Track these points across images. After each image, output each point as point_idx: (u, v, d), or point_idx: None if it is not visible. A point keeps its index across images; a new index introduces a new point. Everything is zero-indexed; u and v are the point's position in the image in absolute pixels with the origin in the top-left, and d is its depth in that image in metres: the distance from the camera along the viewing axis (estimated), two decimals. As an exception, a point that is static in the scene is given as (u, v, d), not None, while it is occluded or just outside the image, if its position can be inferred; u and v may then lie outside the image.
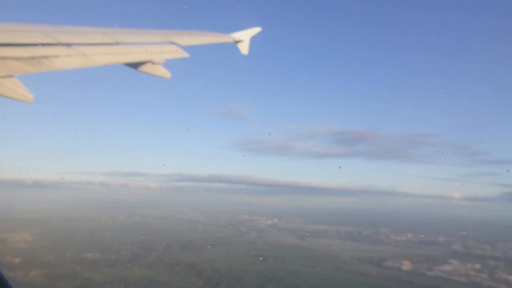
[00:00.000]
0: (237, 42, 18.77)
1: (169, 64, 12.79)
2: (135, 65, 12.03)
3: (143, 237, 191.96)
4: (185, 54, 13.71)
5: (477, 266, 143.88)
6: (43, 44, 9.45)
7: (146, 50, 12.82)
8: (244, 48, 19.13)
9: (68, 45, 10.07)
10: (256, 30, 19.75)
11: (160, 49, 13.37)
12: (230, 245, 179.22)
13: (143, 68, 12.17)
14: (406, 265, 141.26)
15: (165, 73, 12.61)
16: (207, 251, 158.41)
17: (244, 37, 19.05)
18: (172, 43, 13.94)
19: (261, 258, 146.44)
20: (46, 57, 9.08)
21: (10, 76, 8.77)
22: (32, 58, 9.00)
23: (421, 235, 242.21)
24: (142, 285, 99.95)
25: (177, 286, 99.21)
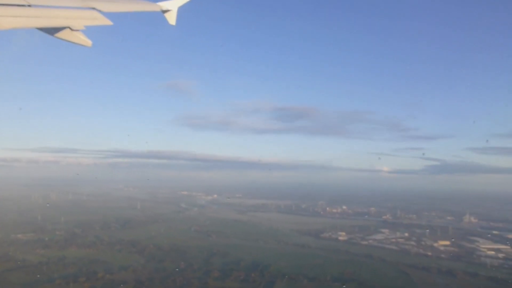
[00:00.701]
0: (164, 11, 17.94)
1: (89, 31, 12.30)
2: (51, 31, 11.12)
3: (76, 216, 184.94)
4: (108, 22, 12.89)
5: (406, 234, 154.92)
6: None
7: (64, 15, 11.94)
8: (171, 18, 18.24)
9: None
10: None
11: (80, 14, 12.44)
12: (171, 221, 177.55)
13: (61, 34, 11.26)
14: (342, 236, 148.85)
15: (85, 40, 11.65)
16: (148, 228, 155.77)
17: (172, 6, 18.30)
18: (93, 8, 12.97)
19: (203, 234, 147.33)
20: None
21: None
22: None
23: (354, 207, 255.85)
24: (82, 264, 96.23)
25: (119, 265, 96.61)
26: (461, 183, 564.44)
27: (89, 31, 11.98)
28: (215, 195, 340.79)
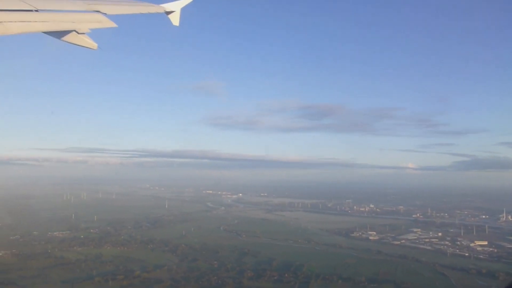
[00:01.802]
0: (167, 12, 17.98)
1: (95, 34, 12.06)
2: (57, 34, 11.26)
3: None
4: (112, 24, 13.01)
5: (439, 234, 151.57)
6: None
7: (69, 18, 12.16)
8: (175, 19, 18.31)
9: None
10: (186, 0, 18.89)
11: (85, 17, 12.65)
12: (199, 220, 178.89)
13: (67, 37, 11.38)
14: (373, 235, 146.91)
15: (91, 43, 11.78)
16: (178, 227, 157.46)
17: (175, 7, 18.29)
18: (97, 11, 13.14)
19: (232, 233, 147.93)
20: None
21: None
22: None
23: (383, 206, 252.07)
24: (119, 262, 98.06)
25: (154, 263, 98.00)
26: (493, 179, 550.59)
27: (93, 33, 12.23)
28: (240, 194, 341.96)
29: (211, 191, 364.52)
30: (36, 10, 10.79)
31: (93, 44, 11.76)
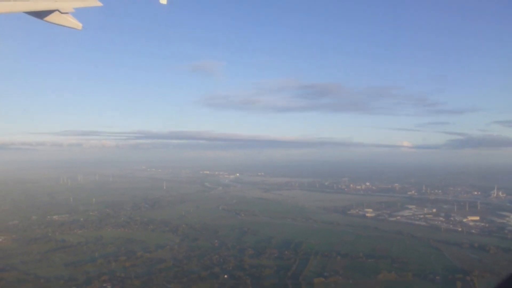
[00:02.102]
0: None
1: (79, 13, 11.93)
2: (39, 14, 11.04)
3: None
4: (97, 3, 12.71)
5: (433, 210, 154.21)
6: None
7: None
8: None
9: None
10: None
11: None
12: (198, 201, 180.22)
13: (50, 17, 11.18)
14: (369, 212, 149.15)
15: (75, 23, 11.61)
16: (177, 207, 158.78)
17: None
18: None
19: (231, 212, 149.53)
20: None
21: None
22: None
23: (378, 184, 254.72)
24: (120, 244, 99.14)
25: (155, 243, 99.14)
26: (486, 157, 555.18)
27: (77, 12, 11.88)
28: (238, 174, 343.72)
29: (208, 172, 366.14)
30: None
31: (78, 24, 11.63)
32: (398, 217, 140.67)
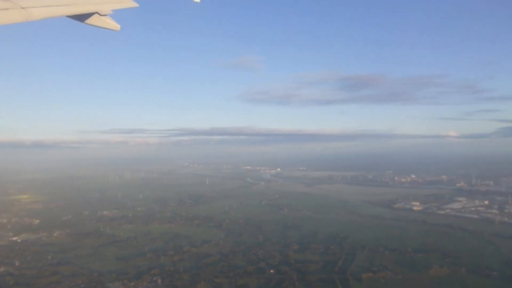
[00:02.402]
0: None
1: (117, 15, 12.00)
2: (80, 17, 11.19)
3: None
4: (133, 4, 12.94)
5: (486, 202, 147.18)
6: None
7: (91, 1, 12.05)
8: None
9: None
10: None
11: None
12: (240, 196, 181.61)
13: (90, 20, 11.31)
14: (416, 206, 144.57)
15: (113, 24, 11.72)
16: (220, 203, 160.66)
17: None
18: None
19: (274, 207, 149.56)
20: None
21: None
22: None
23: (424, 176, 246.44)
24: (167, 239, 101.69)
25: (201, 239, 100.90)
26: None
27: (115, 14, 11.97)
28: (279, 169, 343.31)
29: (249, 167, 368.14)
30: None
31: (116, 26, 11.79)
32: (448, 210, 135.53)
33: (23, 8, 9.17)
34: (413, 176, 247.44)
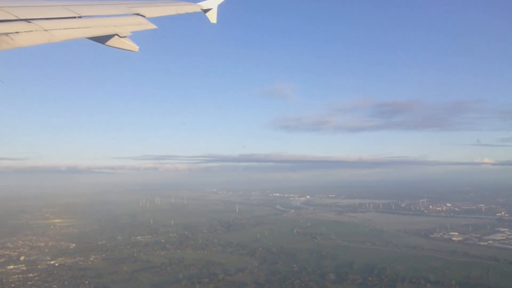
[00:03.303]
0: (205, 10, 18.20)
1: (136, 36, 12.31)
2: (100, 39, 11.50)
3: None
4: (152, 26, 13.30)
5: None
6: (1, 21, 8.96)
7: (111, 23, 12.37)
8: (212, 17, 18.49)
9: (27, 20, 9.48)
10: None
11: (125, 21, 12.88)
12: (271, 223, 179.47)
13: (110, 42, 11.66)
14: (455, 236, 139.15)
15: (132, 46, 12.06)
16: (252, 230, 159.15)
17: (212, 5, 18.44)
18: (137, 14, 13.49)
19: (307, 236, 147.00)
20: (5, 34, 8.50)
21: None
22: None
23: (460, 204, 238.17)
24: (201, 266, 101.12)
25: (235, 267, 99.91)
26: None
27: (134, 35, 12.30)
28: (308, 196, 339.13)
29: (278, 194, 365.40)
30: (80, 17, 11.16)
31: (135, 47, 12.11)
32: (490, 241, 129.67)
33: (45, 30, 9.43)
34: (448, 204, 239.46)
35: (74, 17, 11.06)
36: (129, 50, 12.10)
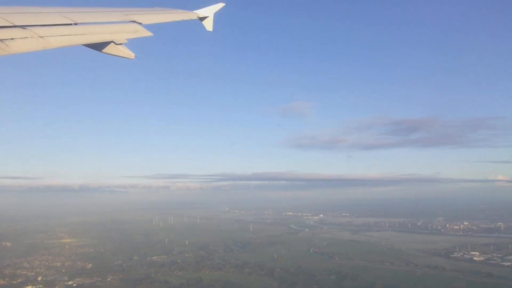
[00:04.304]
0: (201, 18, 18.22)
1: (132, 44, 12.31)
2: (96, 46, 11.49)
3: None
4: (148, 33, 13.23)
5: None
6: None
7: (107, 30, 12.37)
8: (208, 25, 18.47)
9: (23, 27, 9.44)
10: (219, 5, 19.06)
11: (122, 28, 12.88)
12: (287, 243, 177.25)
13: (106, 49, 11.64)
14: (476, 256, 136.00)
15: (128, 53, 12.05)
16: (268, 250, 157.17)
17: (208, 13, 18.47)
18: (133, 21, 13.47)
19: (324, 255, 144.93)
20: (1, 40, 8.46)
21: None
22: None
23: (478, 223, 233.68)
24: (220, 286, 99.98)
25: (254, 287, 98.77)
26: None
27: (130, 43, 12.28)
28: (321, 215, 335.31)
29: (291, 213, 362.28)
30: (75, 24, 11.12)
31: (131, 54, 12.11)
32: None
33: (41, 37, 9.38)
34: (466, 223, 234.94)
35: (70, 24, 11.06)
36: (125, 57, 12.12)
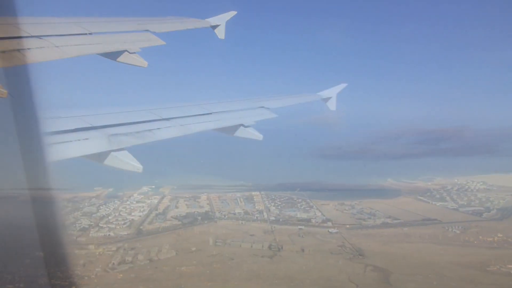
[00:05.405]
0: (213, 27, 18.49)
1: (145, 52, 12.71)
2: (110, 55, 11.82)
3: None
4: (161, 42, 13.63)
5: None
6: (13, 37, 9.19)
7: (121, 39, 12.75)
8: (220, 33, 18.77)
9: (39, 37, 9.81)
10: (231, 13, 19.33)
11: (135, 37, 13.24)
12: (316, 253, 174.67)
13: (121, 58, 11.94)
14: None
15: (141, 62, 12.35)
16: (297, 261, 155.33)
17: (220, 21, 18.73)
18: (147, 30, 13.81)
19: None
20: (17, 50, 8.79)
21: None
22: (3, 52, 8.68)
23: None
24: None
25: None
26: None
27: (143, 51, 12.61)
28: (348, 225, 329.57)
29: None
30: (90, 33, 11.49)
31: (144, 62, 12.33)
32: None
33: (56, 46, 9.68)
34: (499, 234, 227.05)
35: (85, 34, 11.45)
36: (138, 65, 12.37)
